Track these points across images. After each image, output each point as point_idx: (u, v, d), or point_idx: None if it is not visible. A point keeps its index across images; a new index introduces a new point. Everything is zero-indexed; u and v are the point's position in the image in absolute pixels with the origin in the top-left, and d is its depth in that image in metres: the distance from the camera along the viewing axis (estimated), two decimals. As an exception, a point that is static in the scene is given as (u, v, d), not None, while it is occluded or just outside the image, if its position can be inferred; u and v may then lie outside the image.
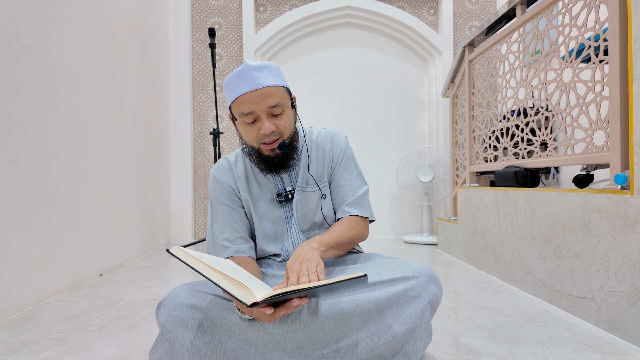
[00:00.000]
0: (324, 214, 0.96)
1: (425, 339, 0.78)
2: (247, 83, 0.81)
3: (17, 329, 1.20)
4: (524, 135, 1.71)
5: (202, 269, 0.62)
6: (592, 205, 1.19)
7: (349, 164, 0.99)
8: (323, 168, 0.97)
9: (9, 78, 1.35)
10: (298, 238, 0.95)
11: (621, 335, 1.07)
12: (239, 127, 0.88)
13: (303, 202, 0.95)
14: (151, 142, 2.61)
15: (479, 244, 1.94)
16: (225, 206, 0.94)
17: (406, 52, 3.19)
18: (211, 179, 0.97)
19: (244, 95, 0.82)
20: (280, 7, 3.10)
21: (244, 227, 0.95)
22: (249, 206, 0.95)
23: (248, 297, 0.59)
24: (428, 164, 2.86)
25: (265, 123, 0.83)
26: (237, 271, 0.69)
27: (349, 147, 1.00)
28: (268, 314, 0.63)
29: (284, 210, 0.95)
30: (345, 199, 0.96)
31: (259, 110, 0.82)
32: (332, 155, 0.98)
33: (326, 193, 0.97)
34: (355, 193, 0.96)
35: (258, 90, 0.81)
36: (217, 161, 0.98)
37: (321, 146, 0.98)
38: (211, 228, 0.95)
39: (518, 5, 1.72)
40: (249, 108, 0.82)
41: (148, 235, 2.54)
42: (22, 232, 1.39)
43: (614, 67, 1.16)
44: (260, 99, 0.81)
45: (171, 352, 0.72)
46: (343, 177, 0.97)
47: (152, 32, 2.65)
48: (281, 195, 0.94)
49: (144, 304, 1.45)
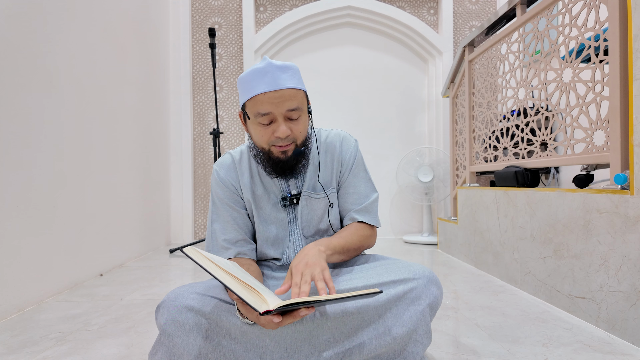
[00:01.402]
0: (330, 221, 0.94)
1: (425, 341, 0.77)
2: (267, 82, 0.78)
3: (17, 329, 1.20)
4: (524, 135, 1.71)
5: (216, 272, 0.61)
6: (592, 205, 1.19)
7: (359, 170, 0.96)
8: (331, 173, 0.95)
9: (9, 78, 1.35)
10: (300, 244, 0.93)
11: (621, 335, 1.07)
12: (250, 126, 0.84)
13: (309, 208, 0.92)
14: (151, 142, 2.61)
15: (479, 244, 1.94)
16: (227, 206, 0.92)
17: (406, 52, 3.19)
18: (214, 175, 0.94)
19: (263, 94, 0.78)
20: (280, 7, 3.10)
21: (245, 229, 0.93)
22: (251, 207, 0.93)
23: (261, 305, 0.59)
24: (428, 164, 2.86)
25: (281, 126, 0.79)
26: (246, 276, 0.69)
27: (358, 153, 0.97)
28: (276, 322, 0.62)
29: (287, 214, 0.93)
30: (354, 206, 0.94)
31: (277, 112, 0.79)
32: (341, 161, 0.95)
33: (334, 202, 0.94)
34: (365, 200, 0.94)
35: (279, 92, 0.78)
36: (220, 157, 0.96)
37: (330, 150, 0.95)
38: (211, 226, 0.93)
39: (518, 5, 1.72)
40: (267, 109, 0.79)
41: (148, 235, 2.54)
42: (23, 232, 1.39)
43: (614, 67, 1.16)
44: (280, 101, 0.78)
45: (170, 354, 0.72)
46: (352, 184, 0.95)
47: (152, 32, 2.65)
48: (286, 199, 0.91)
49: (144, 304, 1.45)
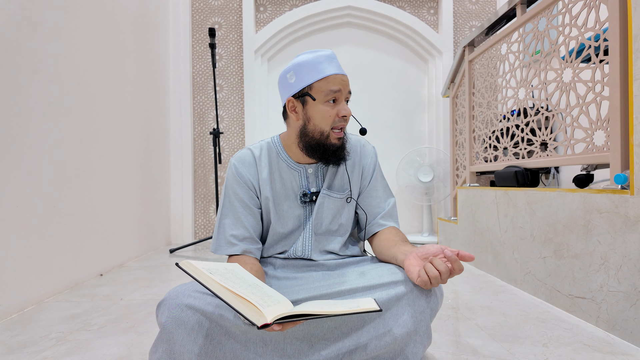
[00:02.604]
0: (342, 221, 0.97)
1: (425, 341, 0.77)
2: (337, 67, 0.88)
3: (17, 329, 1.20)
4: (524, 135, 1.71)
5: (212, 286, 0.62)
6: (592, 205, 1.19)
7: (378, 176, 1.01)
8: (350, 177, 0.97)
9: (9, 78, 1.35)
10: (310, 239, 0.94)
11: (621, 335, 1.07)
12: (314, 108, 0.88)
13: (325, 207, 0.95)
14: (151, 142, 2.61)
15: (479, 244, 1.94)
16: (241, 202, 0.92)
17: (406, 52, 3.19)
18: (232, 169, 0.94)
19: (335, 75, 0.87)
20: (280, 7, 3.10)
21: (255, 227, 0.93)
22: (269, 205, 0.93)
23: (258, 318, 0.59)
24: (428, 164, 2.86)
25: (345, 105, 0.88)
26: (244, 280, 0.69)
27: (377, 160, 1.02)
28: (276, 330, 0.62)
29: (304, 210, 0.95)
30: (378, 210, 0.98)
31: (344, 92, 0.88)
32: (362, 167, 1.00)
33: (351, 201, 0.98)
34: (387, 206, 0.99)
35: (345, 76, 0.88)
36: (238, 152, 0.97)
37: (350, 154, 0.99)
38: (220, 220, 0.93)
39: (518, 5, 1.72)
40: (339, 86, 0.87)
41: (148, 235, 2.54)
42: (23, 232, 1.39)
43: (614, 67, 1.16)
44: (346, 84, 0.88)
45: (171, 352, 0.72)
46: (374, 188, 1.00)
47: (152, 32, 2.65)
48: (306, 196, 0.93)
49: (144, 304, 1.45)
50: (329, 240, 0.97)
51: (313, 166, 0.95)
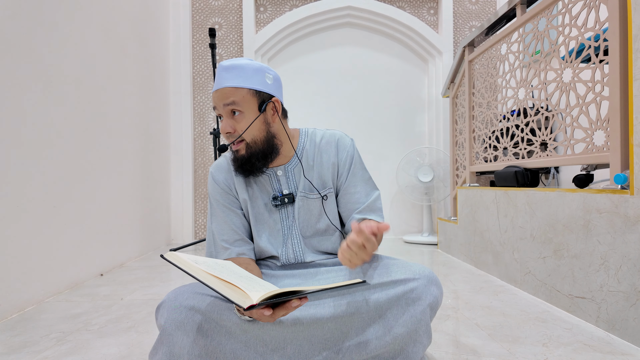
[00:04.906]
0: (329, 218, 0.93)
1: (425, 341, 0.78)
2: (216, 82, 0.85)
3: (17, 329, 1.20)
4: (524, 135, 1.71)
5: (197, 273, 0.61)
6: (592, 205, 1.19)
7: (357, 170, 0.94)
8: (327, 174, 0.94)
9: (9, 78, 1.35)
10: (299, 244, 0.92)
11: (621, 335, 1.08)
12: None
13: (305, 209, 0.92)
14: (152, 142, 2.61)
15: (479, 244, 1.94)
16: (223, 207, 0.93)
17: (406, 52, 3.19)
18: (210, 177, 0.96)
19: (215, 92, 0.85)
20: (281, 7, 3.10)
21: (242, 229, 0.93)
22: (247, 207, 0.93)
23: (244, 300, 0.58)
24: (428, 164, 2.87)
25: (226, 121, 0.85)
26: (234, 272, 0.68)
27: (355, 152, 0.95)
28: (267, 314, 0.62)
29: (280, 214, 0.93)
30: (357, 206, 0.92)
31: (219, 108, 0.84)
32: (337, 162, 0.94)
33: (327, 195, 0.93)
34: (367, 199, 0.92)
35: (219, 91, 0.83)
36: (215, 160, 0.97)
37: (325, 150, 0.94)
38: (210, 227, 0.94)
39: (518, 5, 1.72)
40: (214, 103, 0.86)
41: (148, 235, 2.54)
42: (23, 232, 1.39)
43: (614, 67, 1.16)
44: (220, 98, 0.83)
45: (171, 354, 0.72)
46: (352, 184, 0.93)
47: (152, 32, 2.65)
48: (277, 199, 0.91)
49: (145, 303, 1.45)
50: (321, 241, 0.94)
51: (281, 168, 0.93)
